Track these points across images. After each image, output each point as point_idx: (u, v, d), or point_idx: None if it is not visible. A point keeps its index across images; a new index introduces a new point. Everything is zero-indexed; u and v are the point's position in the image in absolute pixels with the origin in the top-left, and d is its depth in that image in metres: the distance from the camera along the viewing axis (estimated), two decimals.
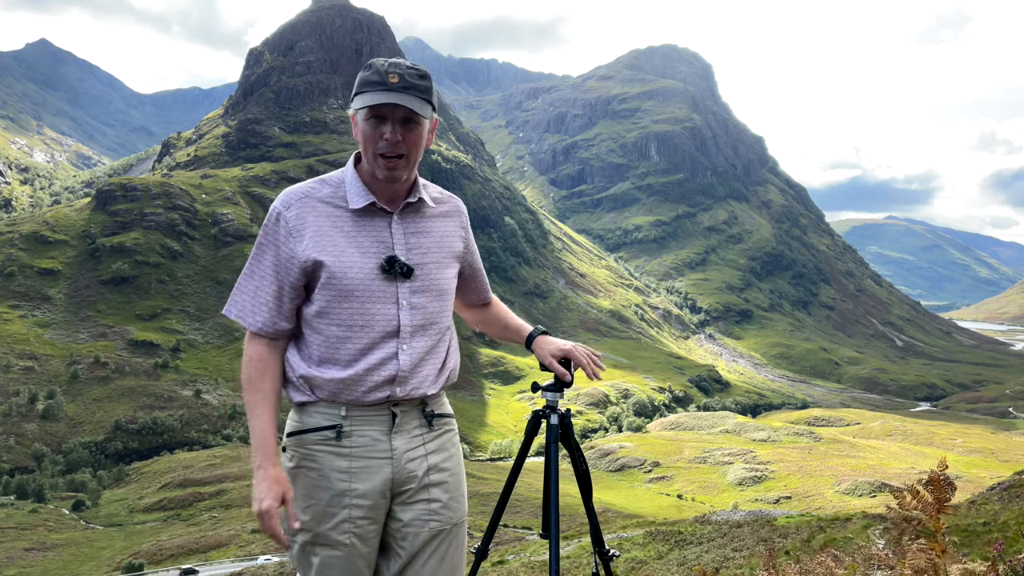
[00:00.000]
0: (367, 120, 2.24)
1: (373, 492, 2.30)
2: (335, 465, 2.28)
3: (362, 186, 2.31)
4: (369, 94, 2.20)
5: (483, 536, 2.66)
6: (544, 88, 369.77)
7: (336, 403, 2.30)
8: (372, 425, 2.32)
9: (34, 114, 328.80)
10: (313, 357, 2.30)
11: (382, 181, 2.31)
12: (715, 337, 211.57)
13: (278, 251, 2.27)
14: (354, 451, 2.30)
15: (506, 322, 2.78)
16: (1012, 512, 10.11)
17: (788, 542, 14.06)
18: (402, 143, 2.24)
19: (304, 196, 2.30)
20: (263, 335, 2.32)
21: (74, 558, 55.41)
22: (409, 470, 2.35)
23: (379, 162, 2.26)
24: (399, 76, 2.19)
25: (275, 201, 2.33)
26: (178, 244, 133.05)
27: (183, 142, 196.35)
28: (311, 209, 2.28)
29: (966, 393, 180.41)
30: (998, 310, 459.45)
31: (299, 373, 2.32)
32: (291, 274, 2.27)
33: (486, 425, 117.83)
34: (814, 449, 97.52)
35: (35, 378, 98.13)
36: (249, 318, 2.31)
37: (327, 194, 2.31)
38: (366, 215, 2.31)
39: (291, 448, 2.33)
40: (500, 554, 21.18)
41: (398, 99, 2.17)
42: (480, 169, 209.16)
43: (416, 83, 2.21)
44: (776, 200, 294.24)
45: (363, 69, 2.26)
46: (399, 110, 2.21)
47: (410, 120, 2.24)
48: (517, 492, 48.17)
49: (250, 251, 2.34)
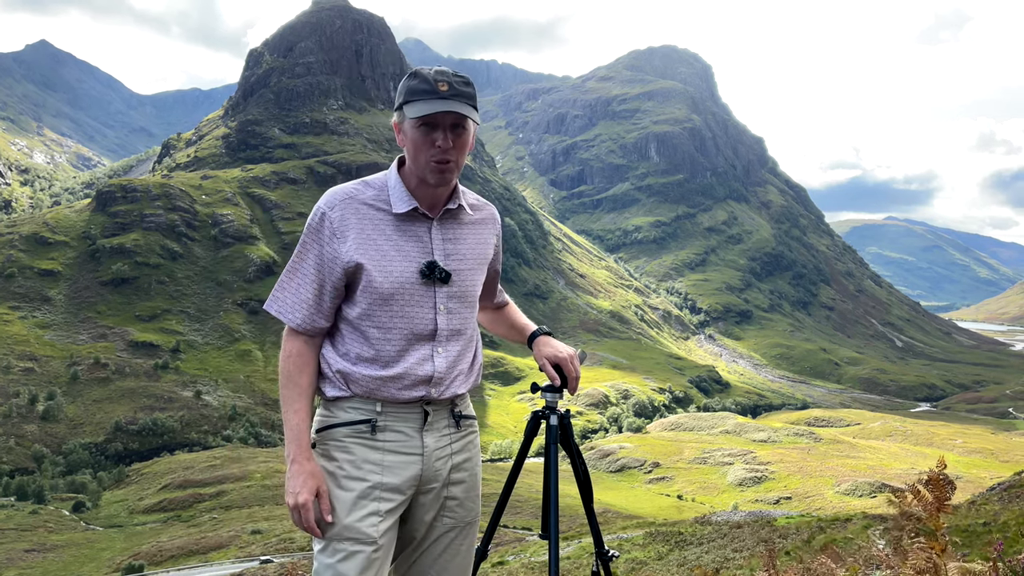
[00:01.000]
0: (418, 128, 2.29)
1: (403, 487, 2.37)
2: (369, 457, 2.34)
3: (406, 191, 2.37)
4: (422, 103, 2.25)
5: (483, 537, 2.67)
6: (544, 89, 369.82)
7: (371, 399, 2.36)
8: (405, 422, 2.39)
9: (34, 115, 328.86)
10: (351, 354, 2.37)
11: (431, 186, 2.35)
12: (715, 338, 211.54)
13: (321, 250, 2.32)
14: (387, 445, 2.36)
15: (513, 321, 2.83)
16: (1012, 512, 10.11)
17: (788, 543, 14.06)
18: (452, 149, 2.30)
19: (348, 197, 2.35)
20: (302, 332, 2.37)
21: (74, 559, 55.38)
22: (436, 468, 2.42)
23: (431, 167, 2.31)
24: (448, 84, 2.26)
25: (320, 201, 2.37)
26: (178, 245, 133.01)
27: (183, 143, 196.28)
28: (354, 211, 2.34)
29: (966, 393, 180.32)
30: (998, 310, 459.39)
31: (336, 368, 2.37)
32: (334, 274, 2.33)
33: (486, 426, 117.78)
34: (812, 449, 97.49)
35: (35, 379, 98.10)
36: (289, 315, 2.36)
37: (370, 196, 2.37)
38: (408, 220, 2.37)
39: (322, 443, 2.38)
40: (500, 555, 21.19)
41: (450, 107, 2.23)
42: (480, 170, 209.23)
43: (463, 90, 2.28)
44: (776, 201, 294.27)
45: (408, 78, 2.31)
46: (449, 116, 2.27)
47: (459, 126, 2.30)
48: (517, 493, 48.18)
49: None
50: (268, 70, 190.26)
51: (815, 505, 70.23)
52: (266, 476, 72.87)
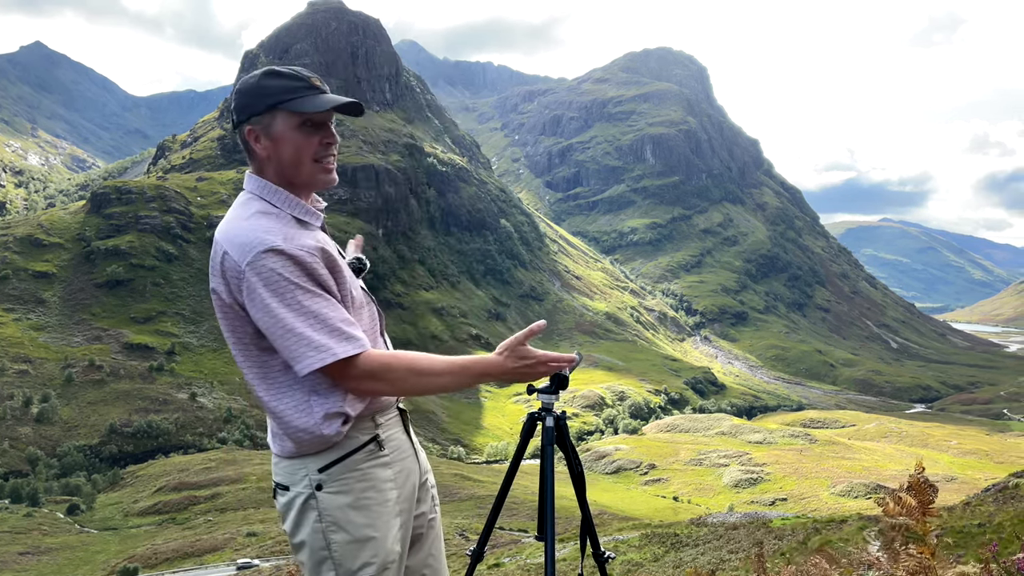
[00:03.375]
0: (298, 128, 2.20)
1: (413, 491, 2.33)
2: (383, 476, 2.23)
3: (302, 202, 2.23)
4: (309, 99, 2.19)
5: (479, 538, 2.65)
6: (540, 91, 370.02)
7: (365, 417, 2.24)
8: (395, 427, 2.33)
9: (29, 117, 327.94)
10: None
11: (316, 189, 2.29)
12: (710, 339, 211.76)
13: (313, 275, 2.09)
14: (393, 456, 2.28)
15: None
16: (1007, 513, 10.14)
17: (784, 544, 14.08)
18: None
19: (280, 229, 2.11)
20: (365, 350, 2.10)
21: (69, 562, 55.22)
22: (422, 461, 2.41)
23: (322, 168, 2.24)
24: (318, 78, 2.24)
25: (248, 253, 2.06)
26: (173, 247, 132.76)
27: (178, 145, 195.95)
28: (293, 237, 2.12)
29: (961, 395, 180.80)
30: (992, 312, 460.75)
31: (335, 410, 2.14)
32: (331, 291, 2.16)
33: (482, 428, 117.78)
34: (807, 451, 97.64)
35: (29, 381, 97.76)
36: (347, 345, 2.07)
37: (282, 224, 2.14)
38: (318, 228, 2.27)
39: (336, 478, 2.18)
40: (496, 557, 21.17)
41: (342, 99, 2.21)
42: (476, 172, 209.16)
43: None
44: (771, 202, 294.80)
45: (268, 77, 2.23)
46: (331, 113, 2.24)
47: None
48: (513, 494, 48.14)
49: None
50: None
51: (810, 506, 70.36)
52: (261, 478, 72.75)
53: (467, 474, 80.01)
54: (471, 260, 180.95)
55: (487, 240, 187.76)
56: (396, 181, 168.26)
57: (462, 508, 60.10)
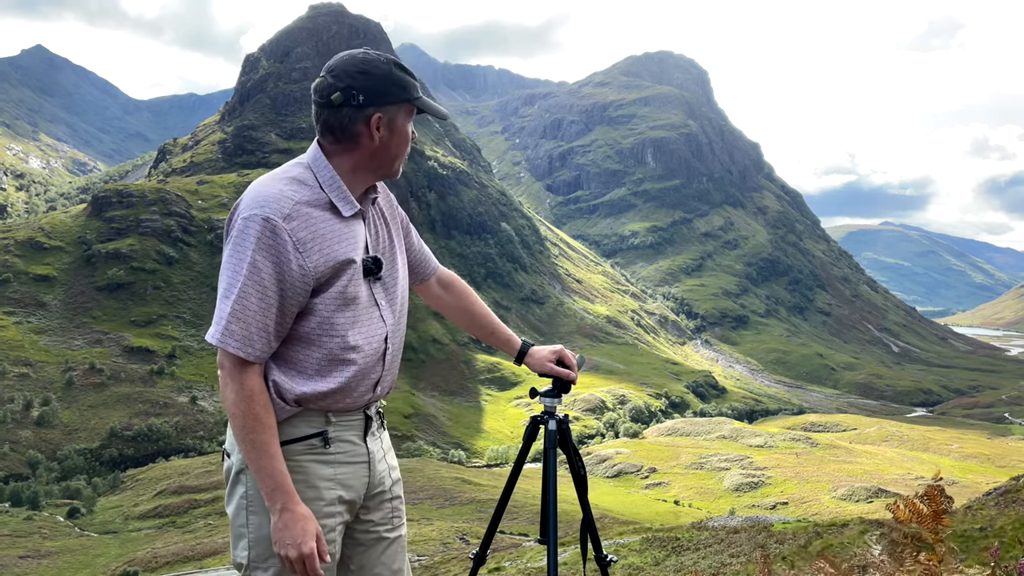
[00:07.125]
0: (410, 122, 2.27)
1: (357, 497, 2.24)
2: (321, 473, 2.16)
3: (346, 189, 2.17)
4: (425, 98, 2.27)
5: (481, 542, 2.65)
6: (540, 94, 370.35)
7: (318, 411, 2.16)
8: (351, 430, 2.23)
9: (30, 120, 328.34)
10: (307, 372, 2.13)
11: (386, 179, 2.31)
12: (711, 343, 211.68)
13: (281, 267, 2.03)
14: (338, 457, 2.19)
15: (494, 327, 2.65)
16: (1008, 517, 10.13)
17: (785, 548, 14.06)
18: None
19: (296, 203, 2.07)
20: (258, 363, 2.07)
21: (69, 565, 55.17)
22: (379, 471, 2.30)
23: (402, 159, 2.28)
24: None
25: (250, 206, 2.05)
26: (174, 250, 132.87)
27: (179, 148, 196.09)
28: (306, 216, 2.08)
29: (962, 398, 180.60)
30: (993, 315, 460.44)
31: (296, 393, 2.12)
32: (300, 292, 2.07)
33: (482, 431, 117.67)
34: (809, 454, 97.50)
35: (30, 385, 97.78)
36: (249, 347, 2.04)
37: (311, 198, 2.10)
38: (349, 220, 2.19)
39: None
40: (497, 560, 21.12)
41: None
42: (476, 175, 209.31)
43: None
44: (772, 206, 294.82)
45: (398, 69, 2.18)
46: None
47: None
48: (515, 498, 48.06)
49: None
50: (264, 75, 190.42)
51: (812, 510, 70.25)
52: None
53: (467, 478, 79.94)
54: (472, 263, 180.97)
55: (488, 243, 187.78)
56: (396, 184, 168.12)
57: (463, 512, 60.04)
